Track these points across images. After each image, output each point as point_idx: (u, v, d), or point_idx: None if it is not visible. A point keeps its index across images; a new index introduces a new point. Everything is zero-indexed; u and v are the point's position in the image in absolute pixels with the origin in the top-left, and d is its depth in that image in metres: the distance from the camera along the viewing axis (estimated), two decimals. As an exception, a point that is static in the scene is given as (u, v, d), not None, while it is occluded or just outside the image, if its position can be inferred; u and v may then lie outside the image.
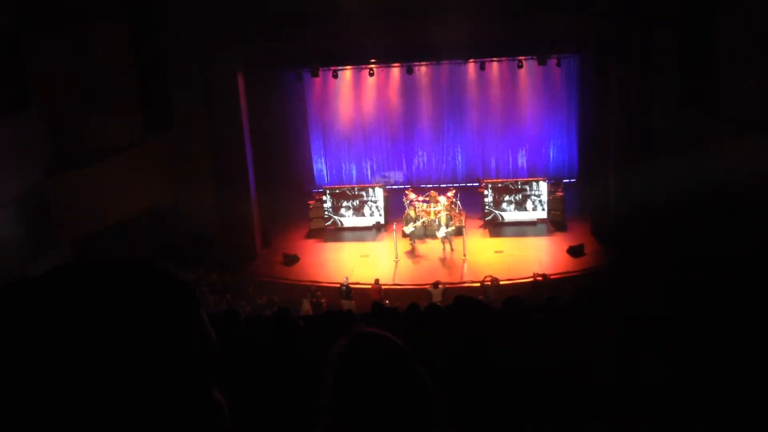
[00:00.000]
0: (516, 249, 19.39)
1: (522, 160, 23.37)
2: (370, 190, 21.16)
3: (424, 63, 21.83)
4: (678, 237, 15.62)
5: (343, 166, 23.82)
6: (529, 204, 20.64)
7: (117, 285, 0.83)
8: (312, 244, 20.67)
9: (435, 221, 19.91)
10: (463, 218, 20.31)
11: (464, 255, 18.95)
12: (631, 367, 4.02)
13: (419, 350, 1.66)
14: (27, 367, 0.77)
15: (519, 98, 22.92)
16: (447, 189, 21.77)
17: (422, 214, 20.37)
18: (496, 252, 19.23)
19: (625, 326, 5.25)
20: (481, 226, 20.75)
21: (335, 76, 21.58)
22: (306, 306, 15.82)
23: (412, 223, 19.70)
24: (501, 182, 21.32)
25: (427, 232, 20.10)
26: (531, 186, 20.79)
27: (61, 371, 0.77)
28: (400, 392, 1.52)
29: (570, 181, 22.70)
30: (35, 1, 14.77)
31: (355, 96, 23.15)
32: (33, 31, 14.67)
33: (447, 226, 19.21)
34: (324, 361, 1.58)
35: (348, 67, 21.74)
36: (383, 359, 1.56)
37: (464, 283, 17.51)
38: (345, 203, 21.09)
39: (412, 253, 19.45)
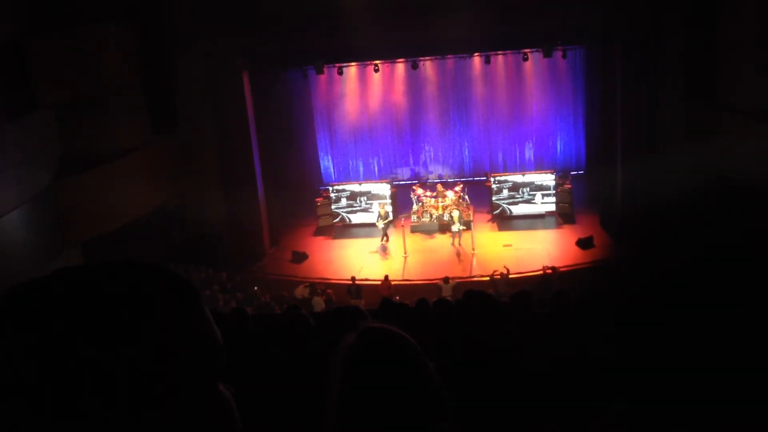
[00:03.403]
0: (525, 242, 19.35)
1: (529, 153, 23.28)
2: (373, 193, 21.09)
3: (428, 58, 21.75)
4: (686, 227, 15.55)
5: (350, 162, 23.80)
6: (537, 197, 20.59)
7: (118, 286, 0.84)
8: (320, 241, 20.69)
9: (443, 216, 19.98)
10: (471, 212, 20.29)
11: (473, 249, 18.94)
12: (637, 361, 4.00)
13: (428, 345, 1.66)
14: (31, 367, 0.77)
15: (525, 91, 22.83)
16: (454, 183, 21.76)
17: (430, 209, 20.41)
18: (504, 246, 19.20)
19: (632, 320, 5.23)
20: (489, 220, 20.73)
21: (340, 73, 21.57)
22: (319, 302, 15.84)
23: (381, 220, 19.72)
24: (508, 175, 21.28)
25: (437, 227, 20.13)
26: (538, 179, 20.75)
27: (64, 373, 0.77)
28: (407, 387, 1.52)
29: (578, 173, 22.62)
30: (40, 5, 14.81)
31: (360, 92, 23.12)
32: (38, 34, 14.71)
33: (459, 221, 19.22)
34: (332, 357, 1.58)
35: (353, 63, 21.72)
36: (391, 354, 1.56)
37: (474, 277, 17.50)
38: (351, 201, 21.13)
39: (384, 249, 19.53)
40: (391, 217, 20.38)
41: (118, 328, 0.80)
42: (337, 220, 21.15)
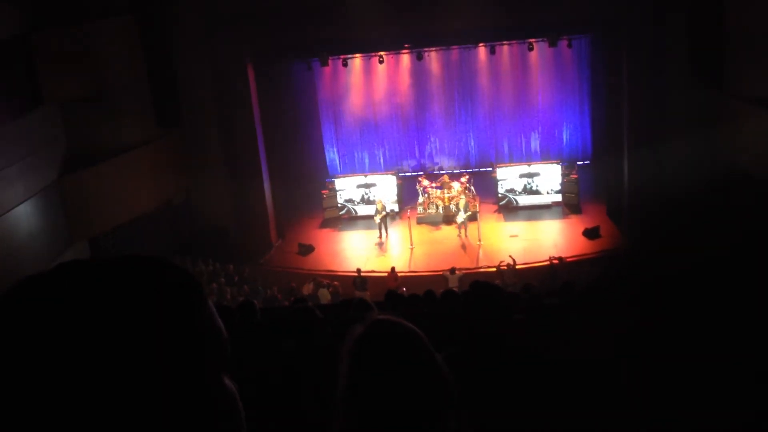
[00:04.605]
0: (531, 233, 19.33)
1: (535, 144, 23.21)
2: (376, 186, 21.08)
3: (433, 48, 21.68)
4: (694, 217, 15.48)
5: (356, 154, 23.78)
6: (543, 187, 20.54)
7: (121, 280, 0.83)
8: (326, 233, 20.71)
9: (449, 207, 19.97)
10: (477, 203, 20.27)
11: (479, 240, 18.91)
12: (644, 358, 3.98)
13: (435, 336, 1.66)
14: (34, 364, 0.77)
15: (530, 81, 22.74)
16: (460, 174, 21.73)
17: (436, 200, 20.40)
18: (511, 236, 19.17)
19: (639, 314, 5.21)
20: (495, 211, 20.71)
21: (345, 65, 21.52)
22: (325, 294, 15.87)
23: (378, 214, 19.69)
24: (514, 166, 21.23)
25: (442, 219, 20.12)
26: (544, 169, 20.70)
27: (69, 368, 0.77)
28: (416, 379, 1.51)
29: (584, 163, 22.55)
30: (45, 1, 14.82)
31: (365, 84, 23.07)
32: (44, 30, 14.73)
33: (465, 211, 19.19)
34: (340, 349, 1.58)
35: (357, 55, 21.68)
36: (399, 346, 1.56)
37: (480, 268, 17.49)
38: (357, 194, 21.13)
39: (381, 245, 19.51)
40: (390, 210, 20.29)
41: (120, 322, 0.79)
42: (343, 212, 21.15)
